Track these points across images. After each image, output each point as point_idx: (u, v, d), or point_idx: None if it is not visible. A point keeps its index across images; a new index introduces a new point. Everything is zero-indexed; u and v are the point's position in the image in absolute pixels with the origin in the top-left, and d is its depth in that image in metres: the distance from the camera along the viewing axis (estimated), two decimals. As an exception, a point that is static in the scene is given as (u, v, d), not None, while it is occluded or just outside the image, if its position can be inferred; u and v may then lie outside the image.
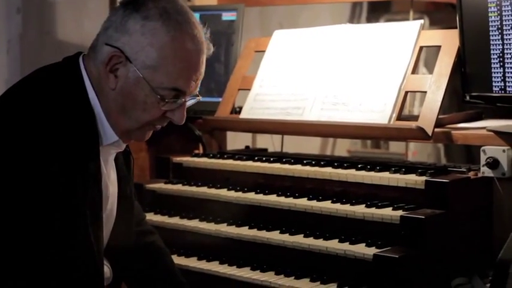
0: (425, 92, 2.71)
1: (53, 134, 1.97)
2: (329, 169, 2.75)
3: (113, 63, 2.05)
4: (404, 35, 2.85)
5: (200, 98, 2.20)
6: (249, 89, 3.18)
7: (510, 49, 2.53)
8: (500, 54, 2.55)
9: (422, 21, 2.88)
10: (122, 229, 2.31)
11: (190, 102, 2.16)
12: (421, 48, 2.82)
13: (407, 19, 4.04)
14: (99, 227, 2.09)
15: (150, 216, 2.98)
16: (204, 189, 2.95)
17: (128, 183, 2.33)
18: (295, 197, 2.71)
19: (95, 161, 2.05)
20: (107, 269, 2.28)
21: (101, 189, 2.09)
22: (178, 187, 3.04)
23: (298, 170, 2.80)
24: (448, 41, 2.74)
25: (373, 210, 2.49)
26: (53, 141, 1.97)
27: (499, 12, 2.54)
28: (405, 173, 2.59)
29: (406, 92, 2.78)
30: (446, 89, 2.67)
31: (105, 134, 2.10)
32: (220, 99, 3.31)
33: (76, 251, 1.99)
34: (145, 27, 2.02)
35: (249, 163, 2.97)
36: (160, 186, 3.09)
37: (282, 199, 2.72)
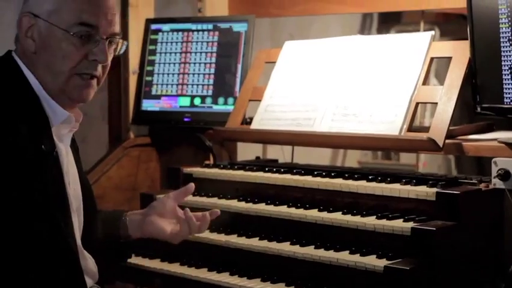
0: (436, 103, 2.71)
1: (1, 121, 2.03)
2: (340, 180, 2.74)
3: (26, 27, 2.14)
4: (415, 46, 2.85)
5: (123, 42, 2.25)
6: (260, 100, 3.19)
7: (521, 60, 2.53)
8: (511, 66, 2.55)
9: (433, 32, 2.87)
10: (87, 215, 2.33)
11: (118, 45, 2.23)
12: (431, 59, 2.82)
13: (418, 30, 4.07)
14: (65, 205, 2.12)
15: (161, 227, 2.98)
16: (214, 200, 2.95)
17: (81, 169, 2.37)
18: (305, 208, 2.71)
19: (48, 139, 2.10)
20: (92, 264, 2.29)
21: (61, 167, 2.13)
22: (189, 197, 3.01)
23: (308, 181, 2.80)
24: (458, 52, 2.74)
25: (383, 221, 2.49)
26: (2, 127, 2.02)
27: (510, 23, 2.54)
28: (416, 184, 2.59)
29: (417, 103, 2.77)
30: (457, 101, 2.67)
31: (55, 114, 2.15)
32: (231, 110, 3.32)
33: (40, 227, 2.02)
34: None
35: (260, 174, 2.97)
36: (170, 196, 3.08)
37: (293, 210, 2.72)
